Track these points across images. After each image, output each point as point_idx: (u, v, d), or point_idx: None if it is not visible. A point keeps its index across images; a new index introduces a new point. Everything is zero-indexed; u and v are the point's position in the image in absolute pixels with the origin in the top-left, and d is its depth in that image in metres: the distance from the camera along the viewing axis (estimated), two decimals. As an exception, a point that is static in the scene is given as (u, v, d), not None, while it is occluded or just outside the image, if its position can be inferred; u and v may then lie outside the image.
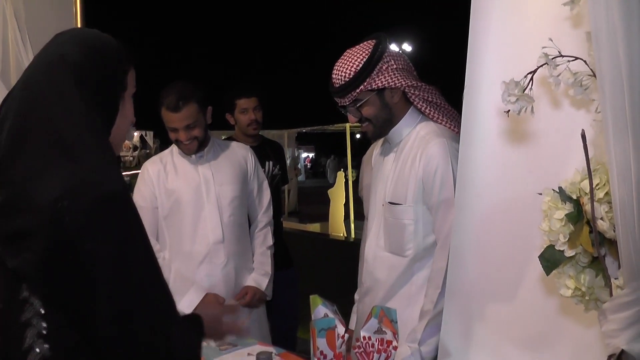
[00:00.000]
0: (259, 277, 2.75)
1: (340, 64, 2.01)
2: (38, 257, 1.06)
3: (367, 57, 1.98)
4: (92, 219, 1.06)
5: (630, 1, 0.93)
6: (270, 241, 2.87)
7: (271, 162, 3.53)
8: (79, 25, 2.92)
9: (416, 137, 2.05)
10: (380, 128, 2.08)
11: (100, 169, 1.11)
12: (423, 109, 2.07)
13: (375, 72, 1.97)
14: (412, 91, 2.04)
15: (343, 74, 1.99)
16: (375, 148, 2.35)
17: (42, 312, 1.09)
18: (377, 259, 2.13)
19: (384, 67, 1.98)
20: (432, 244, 2.02)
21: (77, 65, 1.18)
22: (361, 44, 2.05)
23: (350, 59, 2.00)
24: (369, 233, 2.19)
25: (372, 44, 2.02)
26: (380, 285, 2.10)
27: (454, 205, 1.82)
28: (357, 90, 1.98)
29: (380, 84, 1.99)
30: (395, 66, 2.01)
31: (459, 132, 1.84)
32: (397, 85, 2.00)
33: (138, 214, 1.17)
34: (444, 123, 2.08)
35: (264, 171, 3.40)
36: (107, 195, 1.09)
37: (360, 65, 1.97)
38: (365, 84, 1.97)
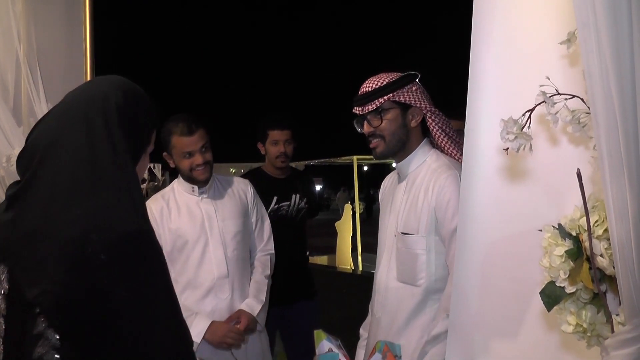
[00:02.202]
0: (254, 303, 2.70)
1: (374, 77, 2.14)
2: (59, 288, 1.06)
3: (400, 75, 2.13)
4: (115, 257, 1.07)
5: (620, 42, 0.95)
6: (269, 270, 2.86)
7: (297, 196, 3.49)
8: (88, 48, 2.97)
9: (428, 169, 2.11)
10: (392, 147, 2.14)
11: (126, 206, 1.13)
12: (438, 138, 2.15)
13: (405, 89, 2.09)
14: (432, 117, 2.13)
15: (375, 83, 2.11)
16: (385, 183, 2.41)
17: (58, 345, 1.09)
18: (388, 289, 2.14)
19: (413, 88, 2.11)
20: (445, 276, 2.04)
21: (119, 106, 1.21)
22: None
23: (384, 74, 2.14)
24: (380, 264, 2.22)
25: (406, 72, 2.16)
26: (392, 316, 2.12)
27: None
28: (385, 97, 2.08)
29: (407, 99, 2.10)
30: (422, 91, 2.14)
31: None
32: (422, 106, 2.11)
33: (161, 251, 1.18)
34: (456, 156, 2.14)
35: (289, 204, 3.42)
36: (131, 233, 1.10)
37: (394, 79, 2.10)
38: (394, 94, 2.08)
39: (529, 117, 1.21)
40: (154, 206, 2.68)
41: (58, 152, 1.15)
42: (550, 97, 1.21)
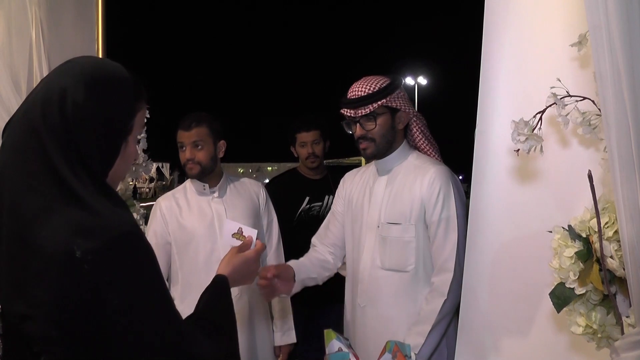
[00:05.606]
0: (288, 331, 2.80)
1: (364, 80, 2.22)
2: (50, 299, 1.02)
3: (389, 80, 2.22)
4: (104, 264, 1.02)
5: (634, 44, 0.95)
6: None
7: (331, 197, 3.39)
8: (100, 49, 2.95)
9: (409, 166, 2.24)
10: (381, 148, 2.24)
11: (106, 213, 1.07)
12: (419, 139, 2.30)
13: (395, 94, 2.19)
14: (416, 121, 2.28)
15: (368, 87, 2.18)
16: (353, 178, 2.48)
17: None
18: (373, 278, 2.22)
19: (400, 94, 2.22)
20: (431, 262, 2.13)
21: (77, 104, 1.09)
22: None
23: (374, 77, 2.22)
24: (362, 254, 2.27)
25: (391, 76, 2.25)
26: (379, 303, 2.19)
27: (456, 228, 2.03)
28: (379, 102, 2.16)
29: (397, 105, 2.20)
30: (407, 96, 2.27)
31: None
32: (409, 111, 2.24)
33: (152, 251, 1.13)
34: (434, 156, 2.30)
35: (321, 205, 3.41)
36: (117, 237, 1.05)
37: (385, 84, 2.19)
38: (387, 99, 2.17)
39: (540, 118, 1.22)
40: (164, 204, 2.70)
41: (12, 174, 1.08)
42: (561, 98, 1.21)
